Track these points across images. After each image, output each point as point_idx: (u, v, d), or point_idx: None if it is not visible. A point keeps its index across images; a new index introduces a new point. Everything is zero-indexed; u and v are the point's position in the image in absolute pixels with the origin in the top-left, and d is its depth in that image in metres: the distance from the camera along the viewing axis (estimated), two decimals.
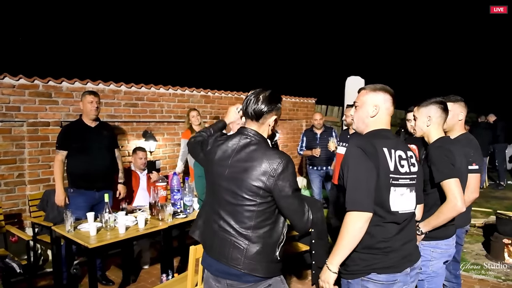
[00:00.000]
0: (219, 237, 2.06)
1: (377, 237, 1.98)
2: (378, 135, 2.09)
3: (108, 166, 4.39)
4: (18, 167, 4.88)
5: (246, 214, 1.99)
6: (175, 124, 6.56)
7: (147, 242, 4.88)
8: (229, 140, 2.13)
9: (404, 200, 2.03)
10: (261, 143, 2.06)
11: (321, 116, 6.70)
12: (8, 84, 4.70)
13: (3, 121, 4.71)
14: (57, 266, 4.04)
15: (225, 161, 2.07)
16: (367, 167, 1.94)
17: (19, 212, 4.94)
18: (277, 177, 1.93)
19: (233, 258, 1.99)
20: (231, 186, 2.02)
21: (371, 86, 2.20)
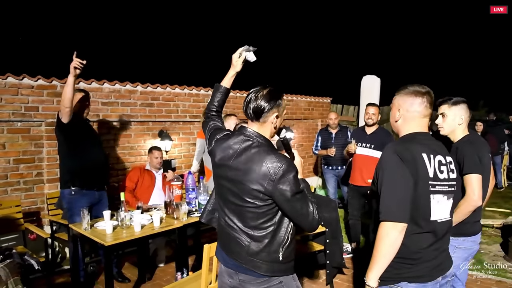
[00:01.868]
0: (226, 231, 2.11)
1: (411, 247, 1.90)
2: (414, 139, 2.00)
3: (105, 162, 4.42)
4: (36, 166, 4.97)
5: (248, 215, 2.00)
6: (190, 124, 6.60)
7: (162, 241, 4.92)
8: (230, 140, 2.10)
9: (440, 208, 1.95)
10: (263, 145, 2.02)
11: (336, 116, 6.66)
12: (27, 84, 4.79)
13: (22, 121, 4.80)
14: (75, 264, 4.09)
15: (227, 163, 2.05)
16: (404, 175, 1.86)
17: (38, 210, 5.03)
18: (277, 181, 1.89)
19: (235, 252, 2.05)
20: (232, 187, 2.03)
21: (401, 89, 2.12)
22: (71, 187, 4.12)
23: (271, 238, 2.01)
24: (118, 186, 5.43)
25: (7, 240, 4.68)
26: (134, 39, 16.48)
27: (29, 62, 9.63)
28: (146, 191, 5.00)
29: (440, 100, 2.77)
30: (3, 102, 4.62)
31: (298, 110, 8.53)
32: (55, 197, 4.89)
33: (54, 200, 4.87)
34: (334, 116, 6.62)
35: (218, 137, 2.20)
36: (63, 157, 4.20)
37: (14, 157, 4.79)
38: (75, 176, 4.12)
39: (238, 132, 2.13)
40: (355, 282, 4.44)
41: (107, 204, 4.35)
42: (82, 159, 4.10)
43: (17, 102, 4.72)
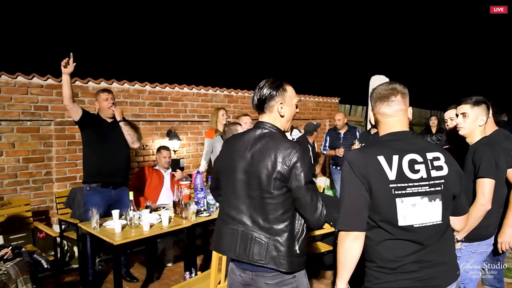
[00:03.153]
0: (240, 234, 2.04)
1: (385, 255, 1.77)
2: (379, 141, 1.91)
3: (125, 163, 4.43)
4: (46, 165, 4.99)
5: (266, 207, 1.98)
6: (198, 124, 6.60)
7: (170, 240, 4.92)
8: (245, 134, 2.15)
9: (419, 211, 1.75)
10: (276, 134, 2.05)
11: (341, 116, 6.62)
12: (37, 84, 4.81)
13: (31, 120, 4.82)
14: (83, 263, 4.11)
15: (242, 155, 2.06)
16: (351, 182, 1.78)
17: (47, 209, 5.05)
18: (292, 166, 1.93)
19: (255, 254, 1.98)
20: (248, 179, 2.02)
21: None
22: (87, 183, 4.21)
23: (289, 231, 2.00)
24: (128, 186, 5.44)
25: (16, 238, 4.72)
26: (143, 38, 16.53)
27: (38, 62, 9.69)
28: (155, 190, 5.00)
29: (462, 99, 2.71)
30: (13, 101, 4.65)
31: (306, 110, 8.50)
32: (64, 196, 4.91)
33: (63, 199, 4.89)
34: (339, 117, 6.59)
35: (229, 140, 2.24)
36: (84, 154, 4.31)
37: (24, 156, 4.81)
38: (91, 174, 4.21)
39: (253, 126, 2.16)
40: None
41: (127, 204, 4.34)
42: (98, 157, 4.17)
43: (26, 101, 4.74)
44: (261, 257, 1.97)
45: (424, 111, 12.72)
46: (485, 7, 8.54)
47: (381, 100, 1.88)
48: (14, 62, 8.73)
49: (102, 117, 4.28)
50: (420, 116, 12.38)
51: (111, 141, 4.25)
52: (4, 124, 4.64)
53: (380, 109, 1.89)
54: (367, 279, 1.87)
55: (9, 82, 4.63)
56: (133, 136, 4.35)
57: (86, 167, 4.26)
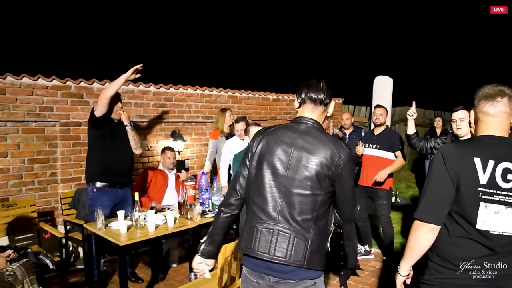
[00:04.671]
0: (276, 233, 1.95)
1: (457, 252, 1.81)
2: (478, 141, 1.89)
3: (131, 163, 4.47)
4: (51, 166, 5.00)
5: (309, 205, 1.94)
6: (202, 124, 6.61)
7: (175, 241, 4.92)
8: (285, 128, 2.08)
9: (500, 220, 1.76)
10: (322, 131, 2.05)
11: (348, 116, 6.63)
12: (42, 85, 4.83)
13: (36, 121, 4.83)
14: (89, 263, 4.11)
15: (287, 150, 1.99)
16: (440, 175, 1.82)
17: (52, 210, 5.06)
18: (344, 166, 1.94)
19: (293, 255, 1.91)
20: (294, 175, 1.96)
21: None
22: (94, 184, 4.19)
23: (324, 229, 2.00)
24: (131, 186, 5.44)
25: (22, 239, 4.73)
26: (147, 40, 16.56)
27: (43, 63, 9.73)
28: (159, 191, 5.01)
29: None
30: (18, 103, 4.66)
31: None
32: (69, 197, 4.92)
33: (68, 200, 4.90)
34: (346, 117, 6.59)
35: (267, 131, 2.13)
36: (90, 153, 4.29)
37: (29, 157, 4.82)
38: (99, 172, 4.19)
39: (294, 121, 2.11)
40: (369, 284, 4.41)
41: (131, 203, 4.37)
42: (107, 158, 4.17)
43: (32, 102, 4.76)
44: (299, 257, 1.90)
45: (428, 112, 12.67)
46: (485, 7, 8.54)
47: (486, 99, 1.87)
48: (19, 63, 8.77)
49: (111, 117, 4.29)
50: (424, 116, 12.34)
51: (120, 140, 4.27)
52: (9, 125, 4.65)
53: (483, 107, 1.88)
54: (428, 272, 1.91)
55: (15, 83, 4.64)
56: (137, 142, 4.38)
57: (94, 166, 4.21)
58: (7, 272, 3.07)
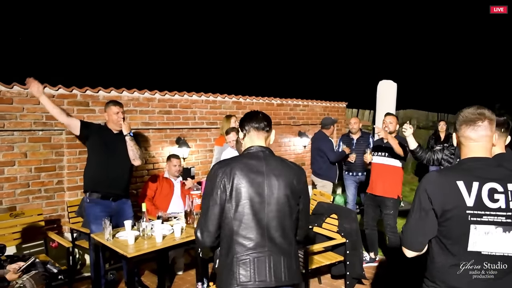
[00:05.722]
0: (270, 258, 2.02)
1: (448, 279, 1.83)
2: (461, 165, 1.91)
3: (127, 176, 4.46)
4: (57, 174, 5.03)
5: (288, 226, 2.11)
6: (207, 131, 6.63)
7: (181, 249, 4.94)
8: (248, 158, 2.17)
9: (490, 240, 1.77)
10: (275, 155, 2.24)
11: (356, 121, 6.60)
12: (48, 94, 4.84)
13: (43, 129, 4.86)
14: (96, 272, 4.13)
15: (258, 177, 2.09)
16: (421, 204, 1.86)
17: (58, 217, 5.09)
18: (304, 183, 2.18)
19: (289, 274, 2.05)
20: (272, 199, 2.09)
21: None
22: (88, 194, 4.25)
23: (297, 245, 2.18)
24: (137, 193, 5.48)
25: (29, 247, 4.75)
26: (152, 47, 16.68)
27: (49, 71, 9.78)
28: (165, 199, 5.03)
29: None
30: (25, 112, 4.69)
31: (313, 115, 8.51)
32: (75, 205, 4.94)
33: (74, 208, 4.93)
34: (354, 121, 6.58)
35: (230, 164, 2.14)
36: (86, 163, 4.37)
37: (36, 166, 4.85)
38: (91, 183, 4.25)
39: (247, 151, 2.23)
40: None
41: (130, 216, 4.35)
42: (99, 168, 4.22)
43: (38, 111, 4.79)
44: (294, 277, 2.08)
45: (431, 114, 12.68)
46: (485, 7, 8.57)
47: (467, 124, 1.89)
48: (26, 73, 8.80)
49: (109, 127, 4.32)
50: (427, 119, 12.35)
51: (114, 152, 4.27)
52: (16, 134, 4.68)
53: (465, 132, 1.90)
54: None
55: (21, 92, 4.67)
56: (135, 152, 4.33)
57: (86, 177, 4.32)
58: (17, 285, 3.10)
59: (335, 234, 4.28)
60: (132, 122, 5.60)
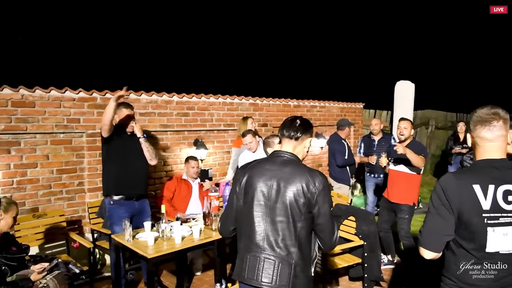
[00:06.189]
0: (263, 260, 2.12)
1: (466, 277, 1.84)
2: (476, 167, 1.91)
3: (146, 175, 4.53)
4: (78, 176, 5.13)
5: (291, 231, 2.10)
6: (224, 132, 6.68)
7: (199, 250, 4.98)
8: (265, 162, 2.26)
9: (509, 240, 1.79)
10: (299, 162, 2.21)
11: (377, 122, 6.55)
12: (69, 97, 4.95)
13: (64, 132, 4.96)
14: (117, 273, 4.20)
15: (267, 182, 2.17)
16: (439, 207, 1.86)
17: (79, 218, 5.19)
18: (319, 194, 2.06)
19: (279, 280, 2.07)
20: (275, 204, 2.12)
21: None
22: (111, 197, 4.27)
23: (308, 254, 2.14)
24: (156, 195, 5.55)
25: (51, 247, 4.86)
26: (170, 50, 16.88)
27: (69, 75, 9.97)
28: (183, 200, 5.09)
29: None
30: (46, 115, 4.79)
31: (330, 117, 8.50)
32: (95, 206, 5.03)
33: (94, 209, 5.02)
34: (375, 122, 6.53)
35: (250, 165, 2.32)
36: (105, 167, 4.37)
37: (57, 168, 4.95)
38: (114, 186, 4.27)
39: (271, 155, 2.29)
40: None
41: (149, 214, 4.45)
42: (122, 170, 4.24)
43: (60, 114, 4.89)
44: (286, 282, 2.07)
45: (450, 114, 12.53)
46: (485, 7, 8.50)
47: (482, 124, 1.88)
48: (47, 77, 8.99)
49: (122, 129, 4.35)
50: (446, 120, 12.21)
51: (132, 153, 4.33)
52: (38, 137, 4.79)
53: (480, 133, 1.89)
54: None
55: (43, 96, 4.78)
56: (151, 153, 4.42)
57: (108, 180, 4.31)
58: (41, 285, 3.18)
59: (353, 236, 4.28)
60: (151, 125, 5.68)
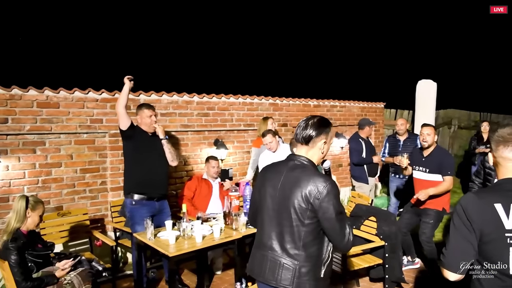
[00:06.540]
0: (267, 258, 2.20)
1: None
2: (498, 186, 1.88)
3: (166, 175, 4.56)
4: (101, 175, 5.22)
5: (295, 234, 2.13)
6: (244, 132, 6.70)
7: (220, 249, 5.02)
8: (278, 165, 2.32)
9: None
10: (308, 167, 2.20)
11: (403, 122, 6.46)
12: (92, 98, 5.05)
13: (87, 132, 5.05)
14: (139, 271, 4.26)
15: (274, 185, 2.23)
16: (461, 227, 1.82)
17: (102, 217, 5.28)
18: (323, 199, 2.06)
19: (283, 279, 2.12)
20: (281, 206, 2.18)
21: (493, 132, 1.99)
22: (132, 197, 4.32)
23: (316, 256, 2.15)
24: (176, 194, 5.61)
25: (74, 245, 4.96)
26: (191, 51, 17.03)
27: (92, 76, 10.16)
28: (204, 199, 5.13)
29: None
30: (70, 115, 4.90)
31: (350, 116, 8.44)
32: (118, 205, 5.11)
33: (117, 208, 5.10)
34: (401, 122, 6.44)
35: (266, 167, 2.43)
36: (126, 166, 4.43)
37: (81, 167, 5.05)
38: (135, 186, 4.32)
39: (286, 158, 2.32)
40: None
41: (169, 214, 4.50)
42: (143, 170, 4.29)
43: (83, 115, 4.99)
44: (289, 282, 2.11)
45: (474, 114, 12.30)
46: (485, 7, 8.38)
47: (505, 145, 1.86)
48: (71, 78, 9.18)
49: (144, 129, 4.40)
50: (469, 119, 11.99)
51: (154, 153, 4.37)
52: (63, 137, 4.89)
53: (502, 153, 1.87)
54: None
55: (67, 97, 4.88)
56: (173, 154, 4.48)
57: (130, 180, 4.35)
58: (65, 281, 3.25)
59: (374, 236, 4.25)
60: (172, 125, 5.74)
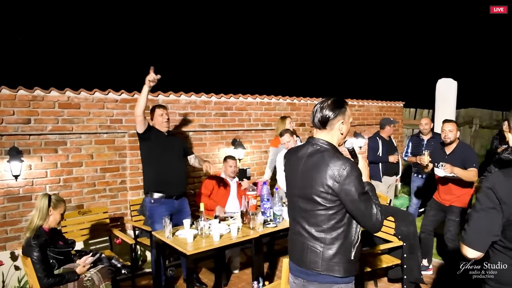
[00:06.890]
0: (298, 242, 2.24)
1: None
2: None
3: (184, 174, 4.62)
4: (120, 175, 5.30)
5: (319, 218, 2.13)
6: (262, 132, 6.72)
7: (237, 248, 5.04)
8: (299, 150, 2.30)
9: None
10: (328, 150, 2.17)
11: (427, 121, 6.37)
12: (112, 99, 5.13)
13: (107, 132, 5.14)
14: (157, 269, 4.32)
15: (296, 170, 2.25)
16: (488, 206, 1.81)
17: (121, 216, 5.36)
18: (343, 181, 2.03)
19: (311, 262, 2.15)
20: (302, 192, 2.19)
21: None
22: (151, 196, 4.37)
23: (343, 238, 2.13)
24: (194, 193, 5.65)
25: (94, 243, 5.04)
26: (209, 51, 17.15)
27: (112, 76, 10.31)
28: (222, 198, 5.15)
29: None
30: (91, 116, 4.98)
31: (369, 116, 8.39)
32: (137, 203, 5.18)
33: (136, 206, 5.16)
34: (425, 122, 6.35)
35: (286, 155, 2.44)
36: (144, 166, 4.50)
37: (101, 166, 5.13)
38: (154, 185, 4.38)
39: (306, 142, 2.31)
40: None
41: (189, 213, 4.54)
42: (161, 169, 4.34)
43: (103, 115, 5.07)
44: (317, 265, 2.13)
45: (495, 113, 12.06)
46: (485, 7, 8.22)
47: None
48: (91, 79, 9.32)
49: (159, 129, 4.45)
50: (491, 118, 11.77)
51: (171, 153, 4.43)
52: (83, 137, 4.99)
53: None
54: None
55: (88, 98, 4.97)
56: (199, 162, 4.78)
57: (148, 179, 4.41)
58: (86, 278, 3.32)
59: (392, 236, 4.22)
60: (190, 125, 5.79)
